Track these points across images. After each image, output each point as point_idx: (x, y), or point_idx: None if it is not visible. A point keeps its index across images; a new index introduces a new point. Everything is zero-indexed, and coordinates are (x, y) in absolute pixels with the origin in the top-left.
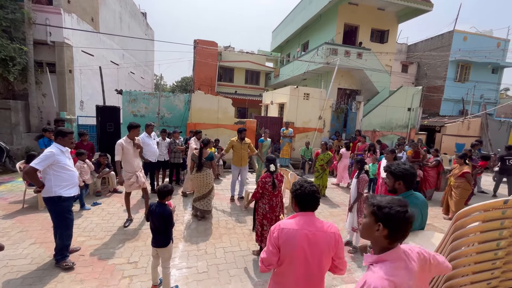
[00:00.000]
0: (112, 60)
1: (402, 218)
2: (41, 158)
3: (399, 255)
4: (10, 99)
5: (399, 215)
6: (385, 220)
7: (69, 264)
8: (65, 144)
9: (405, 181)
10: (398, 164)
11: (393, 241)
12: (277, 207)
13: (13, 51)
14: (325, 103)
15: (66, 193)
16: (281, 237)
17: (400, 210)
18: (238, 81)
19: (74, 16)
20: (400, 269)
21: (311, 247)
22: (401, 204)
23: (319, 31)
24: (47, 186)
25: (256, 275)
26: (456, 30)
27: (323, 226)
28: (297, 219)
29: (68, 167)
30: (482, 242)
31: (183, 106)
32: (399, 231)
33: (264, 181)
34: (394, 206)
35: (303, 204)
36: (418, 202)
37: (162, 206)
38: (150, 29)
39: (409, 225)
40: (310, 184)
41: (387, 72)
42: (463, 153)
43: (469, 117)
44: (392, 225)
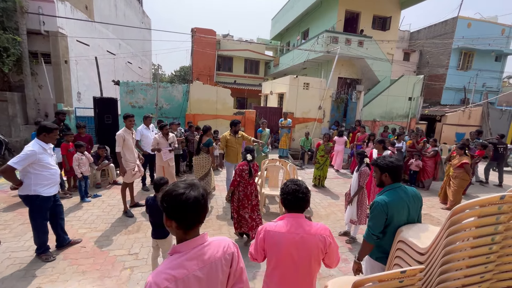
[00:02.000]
0: (109, 50)
1: (179, 203)
2: (20, 157)
3: (195, 245)
4: (6, 90)
5: (176, 200)
6: (168, 211)
7: (49, 258)
8: (49, 141)
9: (390, 173)
10: (384, 157)
11: (186, 231)
12: (251, 195)
13: (6, 41)
14: (325, 92)
15: (45, 192)
16: (267, 240)
17: (176, 194)
18: (237, 70)
19: (67, 4)
20: (190, 260)
21: (298, 251)
22: (177, 188)
23: (319, 19)
24: (25, 183)
25: (255, 266)
26: (460, 16)
27: (311, 229)
28: (284, 221)
29: (49, 165)
30: (477, 237)
31: (181, 96)
32: (183, 219)
33: (242, 169)
34: (174, 194)
35: (286, 204)
36: (405, 196)
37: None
38: (147, 17)
39: (191, 209)
40: (293, 182)
41: (389, 60)
42: (462, 144)
43: (470, 106)
44: (174, 215)
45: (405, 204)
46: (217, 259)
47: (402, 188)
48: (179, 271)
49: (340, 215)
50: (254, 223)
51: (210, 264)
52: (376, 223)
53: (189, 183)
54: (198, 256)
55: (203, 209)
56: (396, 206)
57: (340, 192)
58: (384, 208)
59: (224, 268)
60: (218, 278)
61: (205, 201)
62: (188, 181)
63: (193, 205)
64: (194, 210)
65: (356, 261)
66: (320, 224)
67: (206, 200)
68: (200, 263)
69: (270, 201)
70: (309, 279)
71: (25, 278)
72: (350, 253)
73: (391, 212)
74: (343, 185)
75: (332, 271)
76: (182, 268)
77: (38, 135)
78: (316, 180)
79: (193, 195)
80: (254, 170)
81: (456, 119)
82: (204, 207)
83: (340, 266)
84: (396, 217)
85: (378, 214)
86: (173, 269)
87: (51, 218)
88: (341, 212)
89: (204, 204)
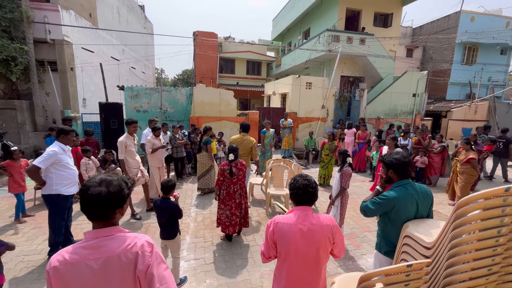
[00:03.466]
0: (113, 55)
1: (82, 197)
2: (44, 157)
3: (97, 236)
4: (15, 99)
5: (81, 195)
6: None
7: None
8: (67, 143)
9: (395, 170)
10: (390, 154)
11: (92, 222)
12: (235, 194)
13: (14, 51)
14: (328, 91)
15: (66, 191)
16: (276, 232)
17: (82, 189)
18: (240, 72)
19: (72, 13)
20: (86, 249)
21: (306, 241)
22: (88, 182)
23: (320, 18)
24: (48, 183)
25: (262, 265)
26: (463, 10)
27: (319, 219)
28: (292, 214)
29: (69, 165)
30: (483, 230)
31: (185, 100)
32: (84, 211)
33: (223, 168)
34: (81, 188)
35: (296, 198)
36: (414, 192)
37: (166, 200)
38: (149, 22)
39: (88, 204)
40: (303, 178)
41: (391, 57)
42: (467, 139)
43: (476, 101)
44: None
45: (414, 200)
46: (114, 255)
47: (412, 184)
48: (72, 256)
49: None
50: (238, 219)
51: (106, 257)
52: (375, 209)
53: (102, 178)
54: (96, 247)
55: (103, 205)
56: (404, 201)
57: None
58: (392, 202)
59: (123, 266)
60: (115, 275)
61: (109, 198)
62: (102, 177)
63: (91, 201)
64: (91, 205)
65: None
66: (326, 215)
67: (111, 196)
68: (96, 254)
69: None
70: (317, 271)
71: (38, 280)
72: (358, 250)
73: (397, 206)
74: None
75: (339, 269)
76: (76, 254)
77: (57, 138)
78: (321, 179)
79: (96, 191)
80: (237, 169)
81: (462, 114)
82: (106, 203)
83: (347, 264)
84: (404, 211)
85: (384, 204)
86: (68, 253)
87: None
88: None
89: (106, 200)
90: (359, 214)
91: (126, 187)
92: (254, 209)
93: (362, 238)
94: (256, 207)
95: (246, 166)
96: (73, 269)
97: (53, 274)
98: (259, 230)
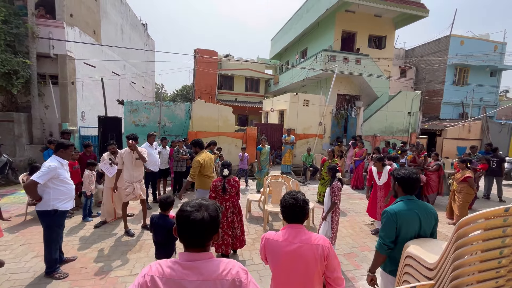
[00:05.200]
0: (114, 71)
1: (181, 223)
2: (43, 172)
3: (192, 258)
4: (13, 111)
5: (180, 220)
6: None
7: (62, 275)
8: (66, 157)
9: (400, 184)
10: (402, 168)
11: (186, 247)
12: (227, 212)
13: (16, 64)
14: (325, 109)
15: (63, 207)
16: (267, 247)
17: (181, 215)
18: (238, 88)
19: (76, 29)
20: (184, 269)
21: (294, 259)
22: (185, 206)
23: (317, 38)
24: (45, 199)
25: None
26: (452, 34)
27: (309, 239)
28: (283, 231)
29: (67, 180)
30: (485, 251)
31: (184, 115)
32: (181, 237)
33: (215, 184)
34: (180, 214)
35: (284, 217)
36: (416, 207)
37: (165, 218)
38: (151, 40)
39: (193, 229)
40: (291, 196)
41: (386, 77)
42: (464, 158)
43: (469, 120)
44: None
45: (416, 217)
46: (210, 280)
47: (414, 200)
48: (171, 272)
49: (345, 231)
50: (230, 239)
51: (202, 281)
52: (386, 232)
53: (199, 203)
54: (193, 268)
55: (205, 231)
56: (405, 217)
57: (344, 208)
58: (394, 217)
59: None
60: None
61: (211, 223)
62: (198, 202)
63: (194, 227)
64: (193, 232)
65: (369, 273)
66: (319, 235)
67: (213, 221)
68: (193, 276)
69: (273, 218)
70: None
71: None
72: (358, 271)
73: (400, 221)
74: (347, 200)
75: None
76: (174, 271)
77: (56, 152)
78: (320, 197)
79: (199, 216)
80: (230, 185)
81: (456, 133)
82: (208, 229)
83: (348, 285)
84: (405, 228)
85: (388, 222)
86: (167, 267)
87: None
88: (345, 228)
89: (208, 226)
90: (357, 233)
91: (220, 211)
92: (252, 227)
93: (361, 258)
94: (254, 224)
95: (239, 183)
96: (168, 284)
97: (151, 283)
98: (256, 248)
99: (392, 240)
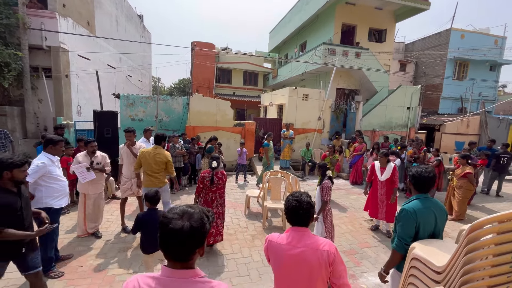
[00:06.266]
0: (109, 63)
1: (164, 231)
2: (31, 170)
3: (174, 275)
4: (5, 105)
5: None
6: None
7: (57, 274)
8: (55, 153)
9: (414, 181)
10: (419, 166)
11: (168, 260)
12: (213, 203)
13: (8, 56)
14: (324, 103)
15: (57, 204)
16: (269, 250)
17: (162, 221)
18: (236, 82)
19: (69, 20)
20: (160, 285)
21: (297, 264)
22: (168, 213)
23: (316, 32)
24: (37, 197)
25: (259, 284)
26: (453, 28)
27: (314, 243)
28: (287, 234)
29: (59, 177)
30: (498, 255)
31: (181, 109)
32: (162, 249)
33: (204, 176)
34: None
35: (288, 219)
36: (432, 206)
37: (155, 211)
38: (147, 32)
39: (170, 240)
40: (295, 198)
41: (386, 71)
42: (465, 154)
43: (468, 115)
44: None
45: (433, 214)
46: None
47: (429, 198)
48: (145, 286)
49: (344, 228)
50: (214, 230)
51: None
52: (406, 230)
53: (184, 210)
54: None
55: (183, 243)
56: (423, 215)
57: (344, 203)
58: (413, 215)
59: None
60: None
61: (191, 234)
62: (184, 208)
63: (171, 237)
64: (170, 243)
65: (383, 273)
66: (325, 240)
67: (188, 232)
68: None
69: (272, 215)
70: None
71: None
72: (358, 268)
73: (419, 219)
74: (346, 196)
75: None
76: (148, 286)
77: (45, 148)
78: None
79: (178, 225)
80: (217, 178)
81: (455, 128)
82: (186, 241)
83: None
84: (423, 226)
85: (408, 220)
86: (143, 282)
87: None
88: (344, 224)
89: (187, 237)
90: (357, 229)
91: (207, 221)
92: (251, 223)
93: (361, 254)
94: (253, 220)
95: (226, 176)
96: None
97: None
98: (255, 245)
99: (412, 238)
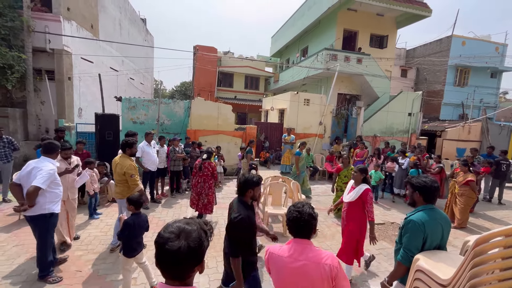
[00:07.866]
0: (112, 66)
1: (161, 251)
2: (45, 177)
3: None
4: (8, 106)
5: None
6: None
7: (55, 279)
8: (55, 158)
9: (422, 193)
10: (419, 176)
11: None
12: (197, 185)
13: (11, 59)
14: (326, 108)
15: (56, 209)
16: (270, 261)
17: (157, 241)
18: (238, 86)
19: (73, 23)
20: None
21: (299, 277)
22: (163, 231)
23: (318, 37)
24: (40, 202)
25: None
26: (454, 35)
27: (316, 256)
28: (289, 246)
29: (60, 183)
30: (504, 270)
31: (183, 112)
32: (159, 266)
33: (196, 163)
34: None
35: (290, 229)
36: (438, 216)
37: (141, 215)
38: (150, 35)
39: (167, 260)
40: (296, 209)
41: (387, 77)
42: (465, 161)
43: (469, 122)
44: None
45: (440, 226)
46: None
47: (435, 210)
48: None
49: None
50: (201, 204)
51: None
52: (414, 242)
53: (181, 228)
54: None
55: (181, 264)
56: (431, 227)
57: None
58: (421, 227)
59: None
60: None
61: (189, 254)
62: (180, 226)
63: (168, 258)
64: (167, 263)
65: (386, 284)
66: (328, 253)
67: (186, 253)
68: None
69: (273, 220)
70: None
71: None
72: (358, 277)
73: (427, 231)
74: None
75: None
76: None
77: (44, 154)
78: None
79: (175, 247)
80: (204, 167)
81: (456, 134)
82: (184, 261)
83: None
84: (430, 237)
85: (416, 232)
86: None
87: None
88: None
89: (184, 258)
90: None
91: (205, 239)
92: None
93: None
94: None
95: (214, 168)
96: None
97: None
98: None
99: (419, 251)
